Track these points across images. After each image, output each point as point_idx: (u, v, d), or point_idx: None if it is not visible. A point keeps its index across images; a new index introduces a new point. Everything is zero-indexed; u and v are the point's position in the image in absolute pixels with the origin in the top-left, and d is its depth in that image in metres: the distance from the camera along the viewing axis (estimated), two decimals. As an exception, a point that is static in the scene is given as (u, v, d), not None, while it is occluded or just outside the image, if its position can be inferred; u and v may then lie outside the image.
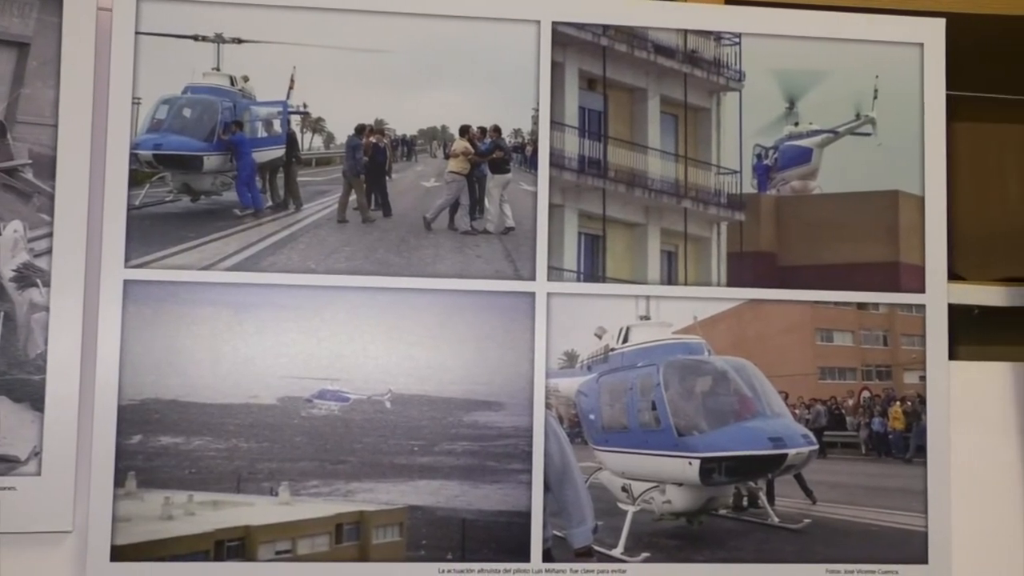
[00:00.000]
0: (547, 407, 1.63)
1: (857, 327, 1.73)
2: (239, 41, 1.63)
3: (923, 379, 1.72)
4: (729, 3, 1.80)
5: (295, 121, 1.66)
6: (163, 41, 1.62)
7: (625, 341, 1.67)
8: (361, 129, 1.66)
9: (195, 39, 1.62)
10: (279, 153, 1.67)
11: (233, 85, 1.65)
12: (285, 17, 1.64)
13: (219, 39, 1.63)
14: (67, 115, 1.58)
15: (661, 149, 1.73)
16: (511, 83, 1.67)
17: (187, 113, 1.65)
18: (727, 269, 1.70)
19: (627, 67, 1.73)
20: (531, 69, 1.67)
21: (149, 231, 1.59)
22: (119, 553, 1.54)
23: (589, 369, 1.67)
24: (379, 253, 1.63)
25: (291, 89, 1.64)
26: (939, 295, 1.72)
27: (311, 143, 1.66)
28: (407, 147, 1.67)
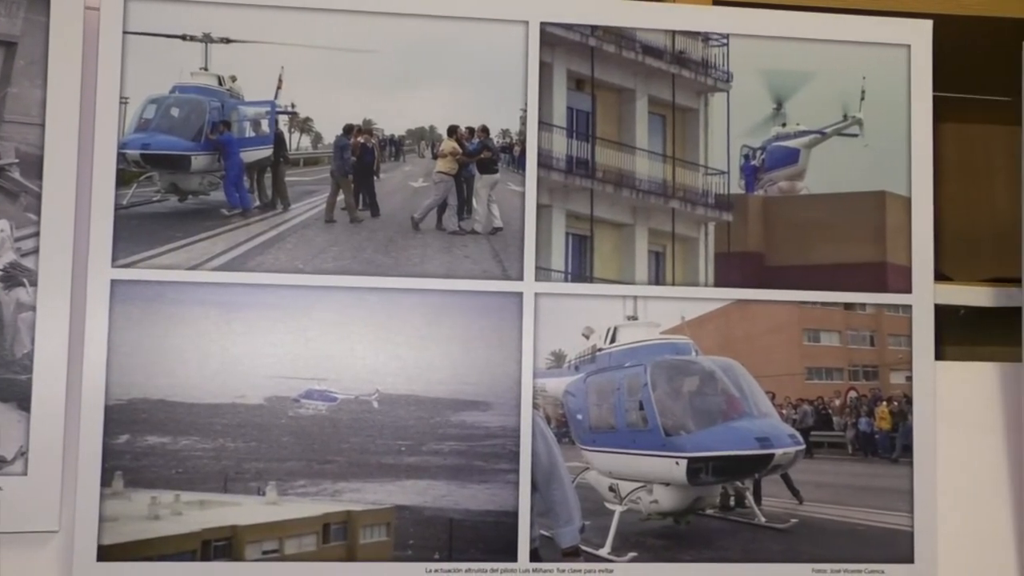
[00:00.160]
0: (535, 407, 1.63)
1: (844, 327, 1.74)
2: (227, 41, 1.63)
3: (909, 379, 1.72)
4: (717, 4, 1.80)
5: (283, 121, 1.65)
6: (151, 41, 1.61)
7: (613, 341, 1.68)
8: (349, 129, 1.66)
9: (183, 39, 1.62)
10: (267, 153, 1.67)
11: (221, 85, 1.65)
12: (273, 17, 1.64)
13: (207, 39, 1.63)
14: (54, 114, 1.58)
15: (649, 150, 1.73)
16: (499, 83, 1.67)
17: (175, 113, 1.65)
18: (715, 269, 1.71)
19: (615, 68, 1.73)
20: (519, 69, 1.67)
21: (136, 231, 1.59)
22: (106, 553, 1.54)
23: (577, 369, 1.67)
24: (367, 253, 1.63)
25: (279, 89, 1.64)
26: (925, 295, 1.73)
27: (299, 143, 1.66)
28: (395, 147, 1.67)
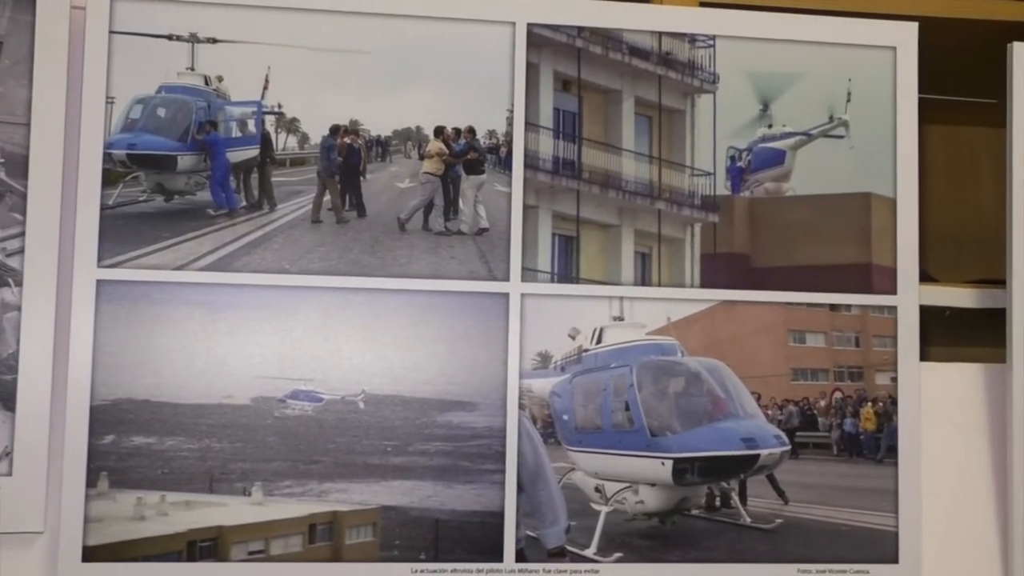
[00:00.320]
0: (521, 408, 1.63)
1: (829, 328, 1.74)
2: (214, 41, 1.63)
3: (895, 380, 1.73)
4: (703, 5, 1.81)
5: (269, 121, 1.65)
6: (137, 40, 1.61)
7: (599, 342, 1.68)
8: (336, 130, 1.66)
9: (169, 38, 1.62)
10: (253, 153, 1.67)
11: (207, 85, 1.65)
12: (260, 17, 1.64)
13: (194, 39, 1.63)
14: (40, 114, 1.57)
15: (635, 151, 1.73)
16: (486, 84, 1.67)
17: (161, 113, 1.65)
18: (700, 270, 1.71)
19: (602, 69, 1.73)
20: (506, 70, 1.68)
21: (122, 231, 1.59)
22: (91, 554, 1.53)
23: (563, 370, 1.68)
24: (353, 254, 1.63)
25: (266, 89, 1.64)
26: (911, 297, 1.73)
27: (285, 143, 1.66)
28: (381, 148, 1.67)
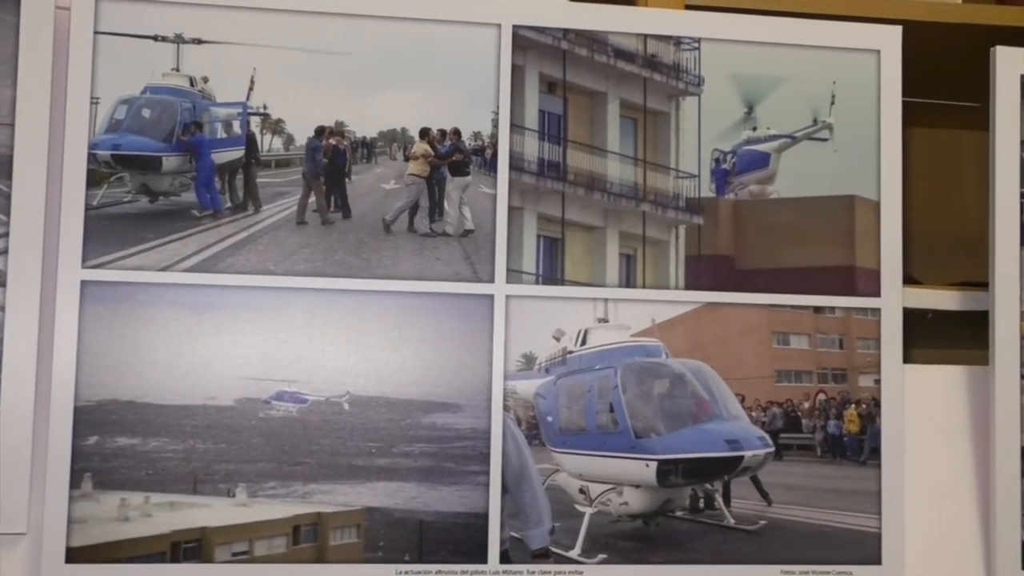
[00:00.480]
0: (505, 409, 1.63)
1: (813, 330, 1.75)
2: (199, 42, 1.63)
3: (878, 382, 1.73)
4: (689, 8, 1.81)
5: (255, 122, 1.65)
6: (122, 41, 1.61)
7: (583, 343, 1.68)
8: (321, 131, 1.66)
9: (155, 39, 1.62)
10: (238, 154, 1.66)
11: (193, 86, 1.65)
12: (245, 18, 1.64)
13: (179, 39, 1.63)
14: (24, 114, 1.57)
15: (620, 153, 1.73)
16: (471, 86, 1.67)
17: (146, 113, 1.65)
18: (685, 272, 1.71)
19: (587, 71, 1.73)
20: (491, 72, 1.68)
21: (107, 231, 1.59)
22: (74, 555, 1.53)
23: (547, 371, 1.68)
24: (338, 255, 1.63)
25: (251, 90, 1.64)
26: (894, 299, 1.74)
27: (271, 144, 1.66)
28: (367, 149, 1.67)
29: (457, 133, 1.68)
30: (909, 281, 1.83)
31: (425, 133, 1.68)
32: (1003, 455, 1.74)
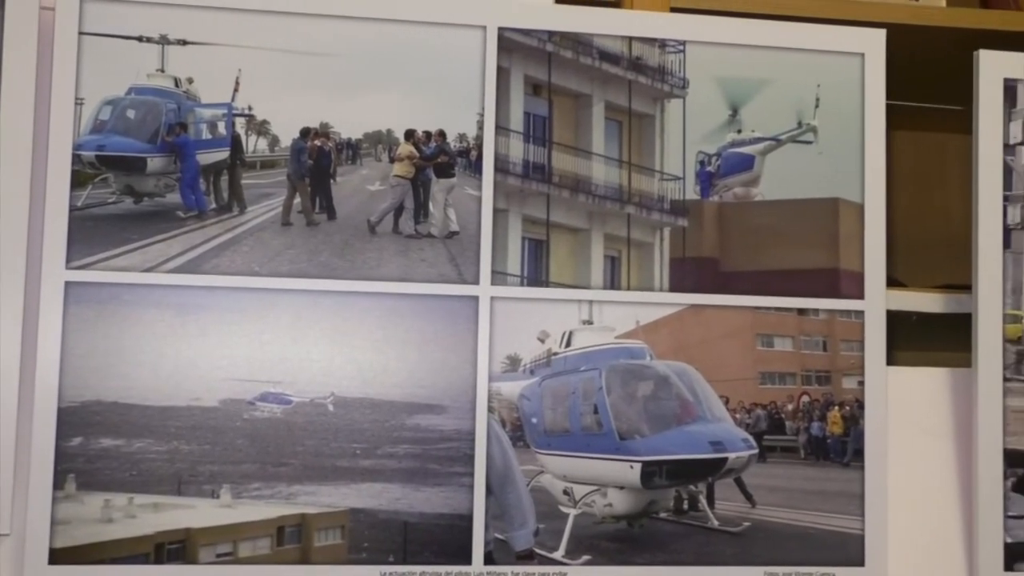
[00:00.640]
0: (490, 410, 1.64)
1: (797, 332, 1.75)
2: (184, 43, 1.63)
3: (861, 384, 1.74)
4: (674, 11, 1.82)
5: (240, 123, 1.65)
6: (107, 42, 1.61)
7: (568, 345, 1.69)
8: (306, 132, 1.66)
9: (139, 40, 1.62)
10: (223, 155, 1.66)
11: (178, 87, 1.65)
12: (231, 19, 1.64)
13: (164, 40, 1.63)
14: (8, 115, 1.57)
15: (605, 155, 1.74)
16: (457, 88, 1.68)
17: (131, 114, 1.65)
18: (669, 274, 1.72)
19: (572, 73, 1.74)
20: (477, 74, 1.68)
21: (91, 232, 1.59)
22: (58, 556, 1.53)
23: (532, 373, 1.68)
24: (323, 256, 1.63)
25: (236, 91, 1.64)
26: (877, 301, 1.75)
27: (256, 146, 1.66)
28: (352, 150, 1.67)
29: (442, 135, 1.68)
30: (893, 284, 1.83)
31: (410, 135, 1.68)
32: (986, 457, 1.75)
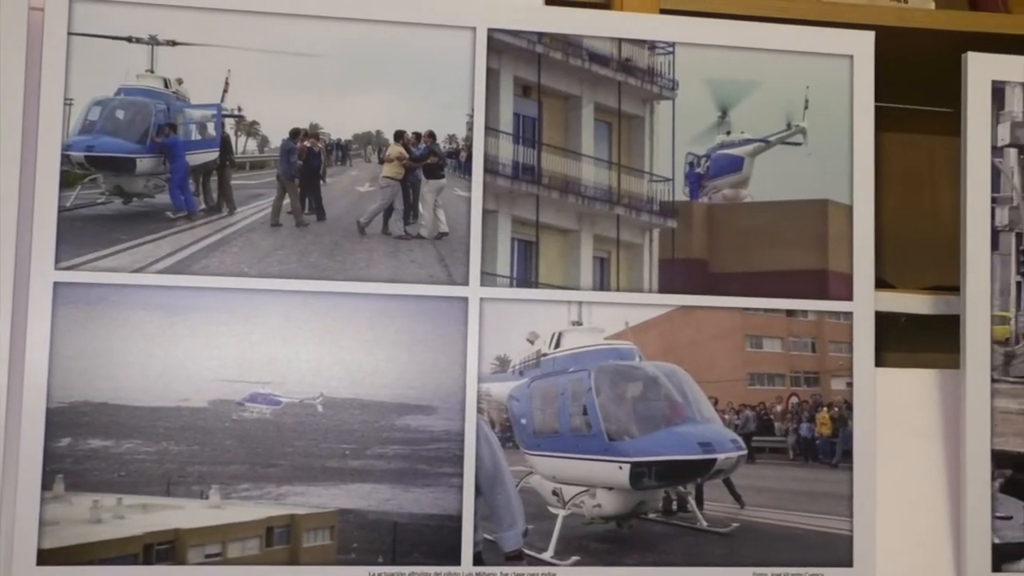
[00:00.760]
0: (479, 411, 1.64)
1: (786, 334, 1.76)
2: (173, 43, 1.63)
3: (850, 385, 1.74)
4: (663, 13, 1.82)
5: (229, 124, 1.65)
6: (96, 42, 1.61)
7: (557, 346, 1.69)
8: (296, 133, 1.66)
9: (129, 40, 1.62)
10: (213, 156, 1.66)
11: (167, 87, 1.65)
12: (220, 20, 1.64)
13: (153, 41, 1.62)
14: (-3, 115, 1.57)
15: (595, 156, 1.74)
16: (446, 89, 1.68)
17: (120, 115, 1.64)
18: (659, 276, 1.72)
19: (562, 74, 1.74)
20: (466, 75, 1.68)
21: (80, 233, 1.59)
22: (46, 557, 1.53)
23: (521, 374, 1.68)
24: (312, 257, 1.63)
25: (226, 92, 1.64)
26: (866, 303, 1.75)
27: (245, 146, 1.66)
28: (342, 151, 1.67)
29: (432, 136, 1.68)
30: (882, 285, 1.84)
31: (400, 136, 1.68)
32: (974, 458, 1.75)
